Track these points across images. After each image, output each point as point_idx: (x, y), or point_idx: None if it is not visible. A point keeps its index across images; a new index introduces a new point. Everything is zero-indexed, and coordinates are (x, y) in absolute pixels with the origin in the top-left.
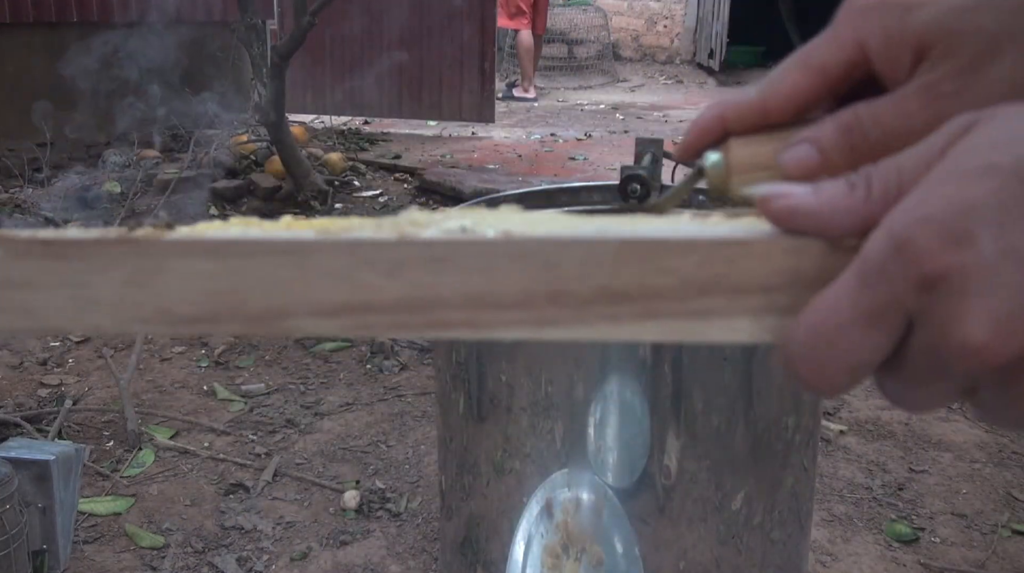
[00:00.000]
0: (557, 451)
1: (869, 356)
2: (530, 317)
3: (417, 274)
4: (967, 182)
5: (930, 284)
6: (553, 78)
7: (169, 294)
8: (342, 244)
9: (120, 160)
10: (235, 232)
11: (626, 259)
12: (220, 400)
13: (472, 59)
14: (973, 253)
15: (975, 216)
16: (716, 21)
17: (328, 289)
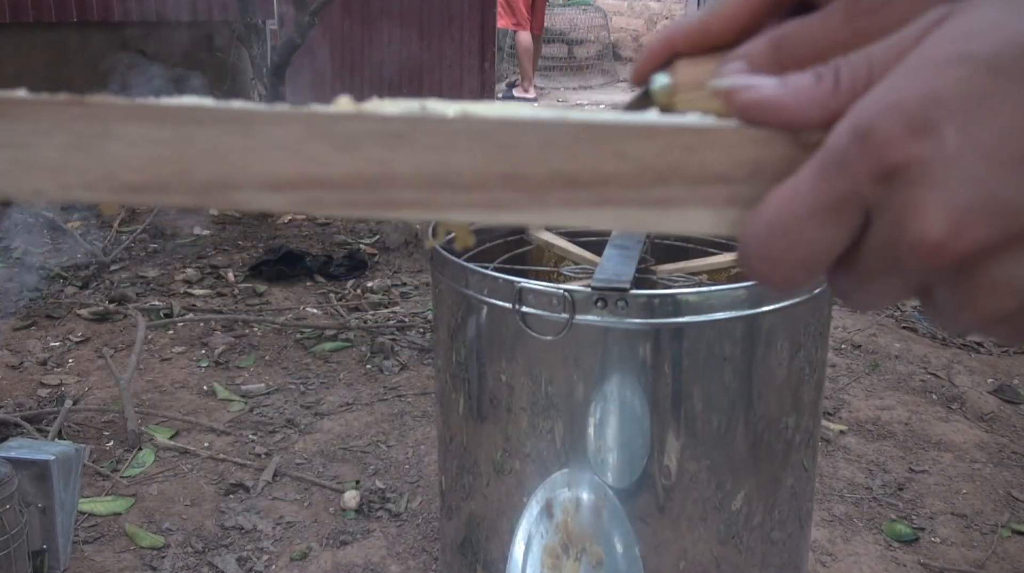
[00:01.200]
0: (557, 451)
1: (825, 250)
2: (484, 199)
3: (372, 150)
4: (936, 71)
5: (889, 174)
6: (553, 78)
7: (115, 160)
8: (295, 115)
9: None
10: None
11: (584, 143)
12: (220, 400)
13: (472, 59)
14: (935, 144)
15: (941, 106)
16: None
17: (278, 161)
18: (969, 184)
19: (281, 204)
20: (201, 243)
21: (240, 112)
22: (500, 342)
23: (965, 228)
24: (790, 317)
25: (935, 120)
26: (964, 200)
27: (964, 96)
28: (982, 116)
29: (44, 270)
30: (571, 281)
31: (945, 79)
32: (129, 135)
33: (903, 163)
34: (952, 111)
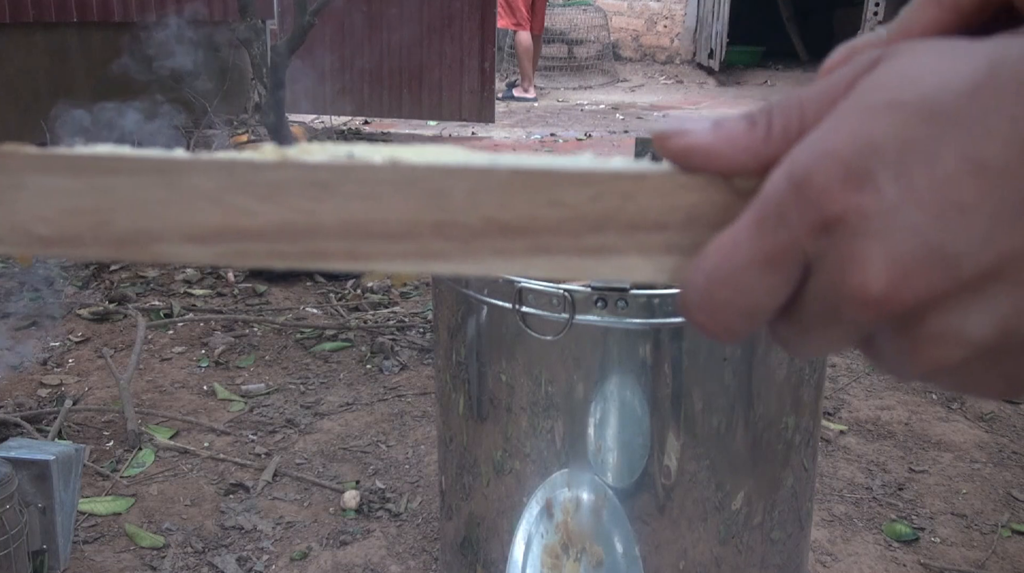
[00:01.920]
0: (557, 451)
1: (765, 301)
2: (415, 249)
3: (297, 199)
4: (869, 118)
5: (828, 225)
6: (553, 78)
7: (28, 212)
8: (217, 164)
9: None
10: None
11: (517, 189)
12: (220, 400)
13: (472, 59)
14: (872, 193)
15: (876, 154)
16: (716, 21)
17: (201, 212)
18: (909, 234)
19: (204, 256)
20: None
21: (160, 161)
22: (500, 342)
23: (907, 279)
24: None
25: (871, 169)
26: (904, 250)
27: (900, 143)
28: (919, 164)
29: (44, 270)
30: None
31: (880, 126)
32: (43, 186)
33: (841, 214)
34: (888, 159)
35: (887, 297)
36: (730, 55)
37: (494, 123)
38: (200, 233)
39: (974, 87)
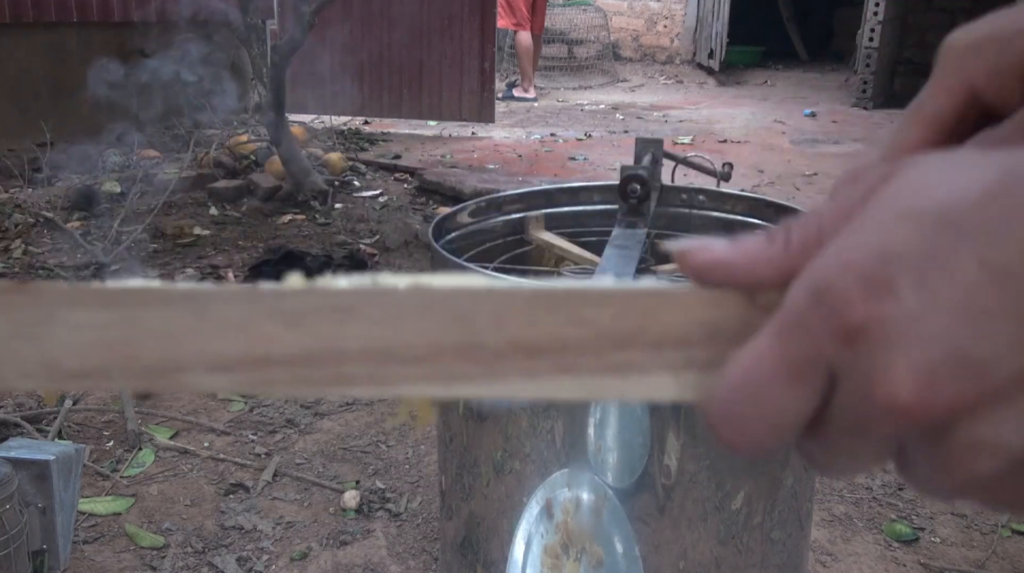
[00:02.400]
0: (557, 451)
1: (793, 414)
2: (439, 372)
3: (320, 325)
4: (887, 228)
5: (851, 336)
6: (553, 78)
7: (58, 347)
8: (244, 292)
9: (120, 160)
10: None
11: (540, 309)
12: (220, 400)
13: (472, 59)
14: (894, 302)
15: (894, 262)
16: (716, 21)
17: (227, 341)
18: (935, 341)
19: (230, 385)
20: (201, 243)
21: (188, 292)
22: None
23: (935, 387)
24: None
25: (891, 277)
26: (932, 358)
27: (918, 251)
28: (939, 271)
29: (44, 270)
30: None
31: (896, 235)
32: (74, 321)
33: (863, 323)
34: (907, 267)
35: (916, 406)
36: (730, 55)
37: (494, 123)
38: (225, 362)
39: (989, 193)
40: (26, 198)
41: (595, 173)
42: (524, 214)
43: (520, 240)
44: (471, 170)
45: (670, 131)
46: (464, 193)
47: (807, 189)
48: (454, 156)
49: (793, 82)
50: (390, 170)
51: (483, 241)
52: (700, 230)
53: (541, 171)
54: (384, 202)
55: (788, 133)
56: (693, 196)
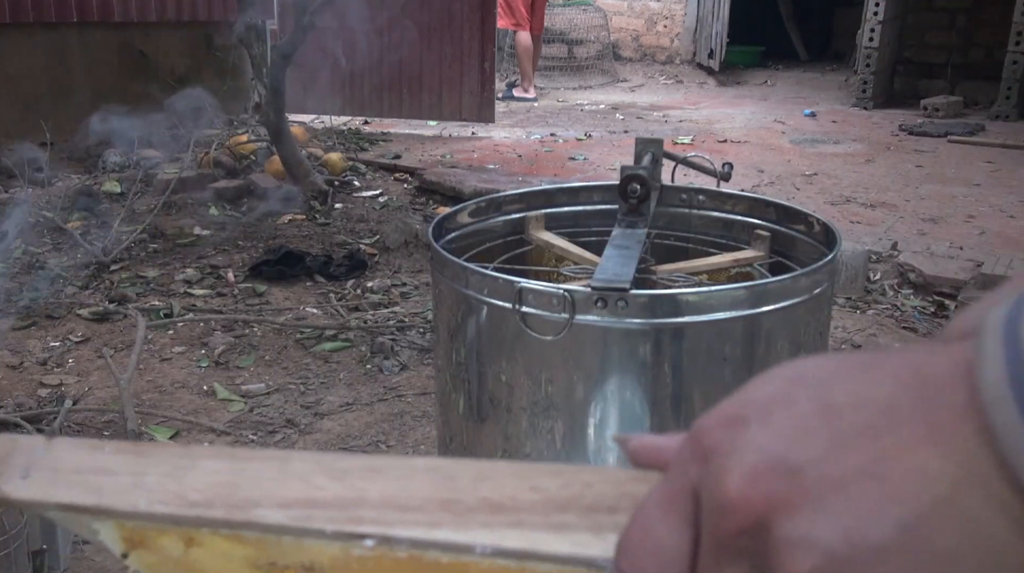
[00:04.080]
0: (557, 451)
1: (675, 549)
2: (424, 519)
3: (355, 479)
4: (754, 385)
5: (706, 455)
6: (553, 78)
7: (189, 484)
8: (312, 456)
9: (120, 160)
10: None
11: (508, 477)
12: (220, 400)
13: (472, 59)
14: (742, 428)
15: (750, 405)
16: (716, 21)
17: (291, 487)
18: (762, 450)
19: (283, 519)
20: (201, 243)
21: (275, 453)
22: (500, 342)
23: (757, 485)
24: (790, 317)
25: (745, 413)
26: (757, 462)
27: (770, 396)
28: (781, 407)
29: (44, 270)
30: (571, 281)
31: (759, 387)
32: (207, 467)
33: (716, 445)
34: (759, 405)
35: (741, 501)
36: (730, 55)
37: (494, 123)
38: (286, 501)
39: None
40: (26, 198)
41: (595, 173)
42: (524, 214)
43: (520, 240)
44: (471, 170)
45: (670, 131)
46: (464, 193)
47: (807, 189)
48: (454, 156)
49: (793, 82)
50: (390, 170)
51: (483, 241)
52: (700, 230)
53: (541, 171)
54: (384, 202)
55: (788, 133)
56: (693, 196)
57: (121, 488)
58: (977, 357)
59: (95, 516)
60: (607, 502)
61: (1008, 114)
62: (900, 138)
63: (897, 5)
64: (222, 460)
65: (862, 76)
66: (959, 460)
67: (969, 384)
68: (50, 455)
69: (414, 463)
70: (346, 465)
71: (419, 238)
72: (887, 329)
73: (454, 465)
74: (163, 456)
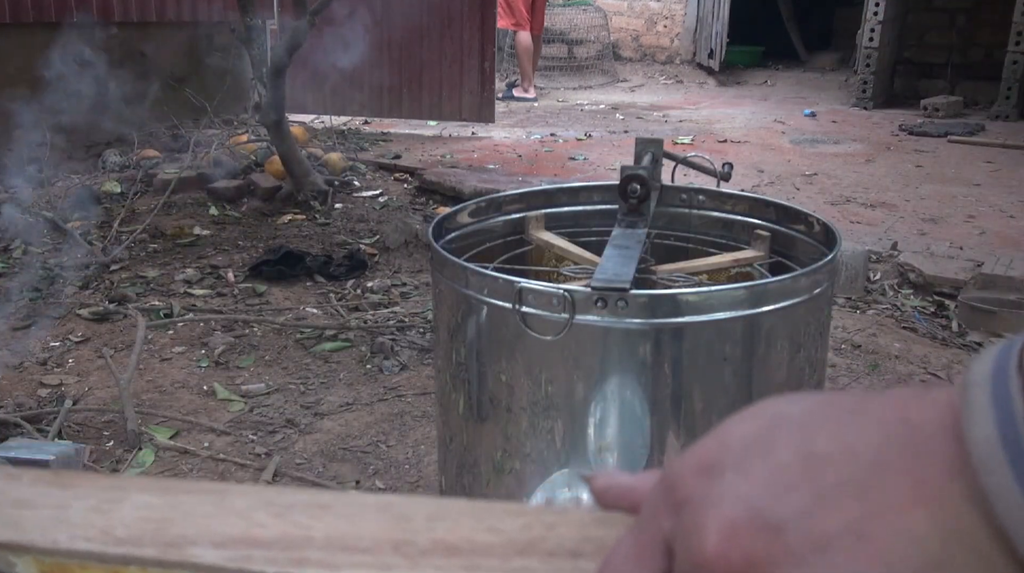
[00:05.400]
0: (557, 451)
1: None
2: (375, 562)
3: (299, 516)
4: (728, 427)
5: (679, 505)
6: (553, 78)
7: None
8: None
9: (120, 160)
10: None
11: (465, 517)
12: (220, 400)
13: (472, 59)
14: (717, 477)
15: (727, 448)
16: (716, 21)
17: (230, 524)
18: (739, 503)
19: (220, 559)
20: (201, 243)
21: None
22: (500, 342)
23: (736, 541)
24: (790, 317)
25: (719, 460)
26: (735, 516)
27: (747, 439)
28: (758, 454)
29: (44, 270)
30: (571, 281)
31: (734, 429)
32: (137, 501)
33: (688, 495)
34: (735, 450)
35: (719, 558)
36: (730, 55)
37: (494, 123)
38: (223, 540)
39: (815, 405)
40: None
41: (595, 173)
42: (524, 214)
43: (520, 240)
44: (471, 170)
45: (670, 131)
46: (464, 193)
47: (807, 189)
48: (454, 156)
49: (793, 82)
50: (390, 170)
51: (483, 241)
52: (700, 230)
53: (541, 171)
54: (384, 202)
55: (788, 133)
56: (693, 196)
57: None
58: (964, 410)
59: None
60: (569, 546)
61: (1008, 114)
62: (900, 138)
63: (897, 5)
64: (154, 493)
65: (862, 76)
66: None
67: (956, 436)
68: None
69: (364, 500)
70: (290, 500)
71: (419, 238)
72: (887, 329)
73: (407, 502)
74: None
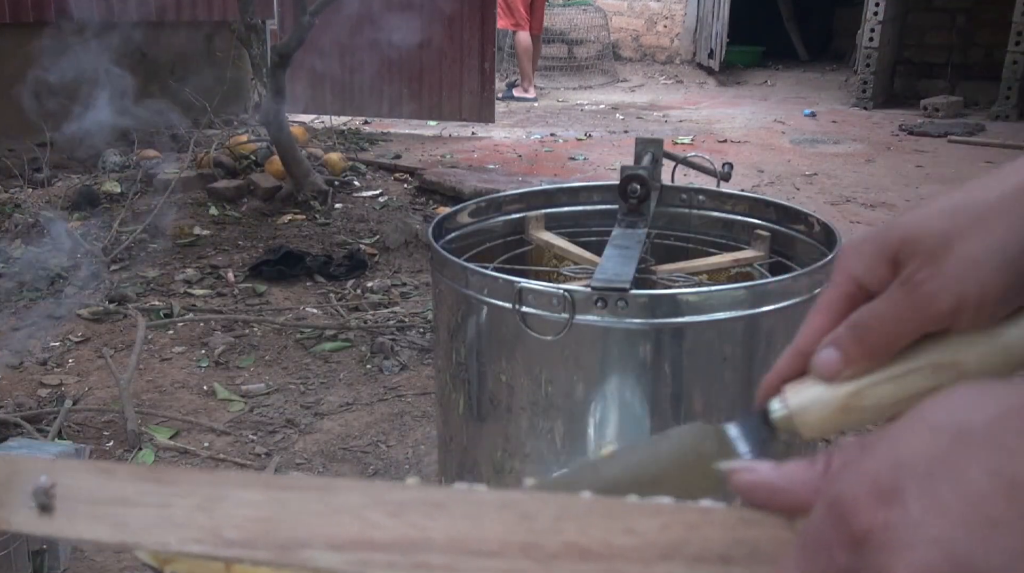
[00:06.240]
0: (557, 451)
1: None
2: (503, 567)
3: (415, 515)
4: (903, 440)
5: (859, 541)
6: (553, 78)
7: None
8: (362, 485)
9: (120, 160)
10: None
11: (596, 516)
12: (220, 400)
13: (472, 59)
14: (900, 508)
15: (906, 471)
16: (716, 21)
17: (342, 524)
18: (935, 545)
19: (338, 562)
20: (201, 243)
21: (319, 481)
22: (500, 342)
23: None
24: (790, 317)
25: (900, 484)
26: (931, 562)
27: (929, 460)
28: (947, 479)
29: (44, 270)
30: (571, 281)
31: (911, 446)
32: (239, 498)
33: (868, 528)
34: (916, 474)
35: None
36: (730, 55)
37: (494, 123)
38: (339, 542)
39: (1005, 411)
40: (26, 198)
41: (595, 173)
42: (524, 214)
43: (520, 240)
44: (471, 170)
45: (670, 131)
46: (464, 193)
47: (807, 189)
48: (454, 156)
49: (793, 82)
50: (390, 170)
51: (483, 241)
52: (700, 230)
53: (541, 171)
54: (384, 202)
55: (788, 133)
56: (693, 196)
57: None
58: None
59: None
60: (718, 549)
61: (1008, 114)
62: (900, 138)
63: (897, 5)
64: (256, 489)
65: (862, 76)
66: None
67: None
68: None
69: (481, 497)
70: (401, 498)
71: (419, 238)
72: None
73: (529, 500)
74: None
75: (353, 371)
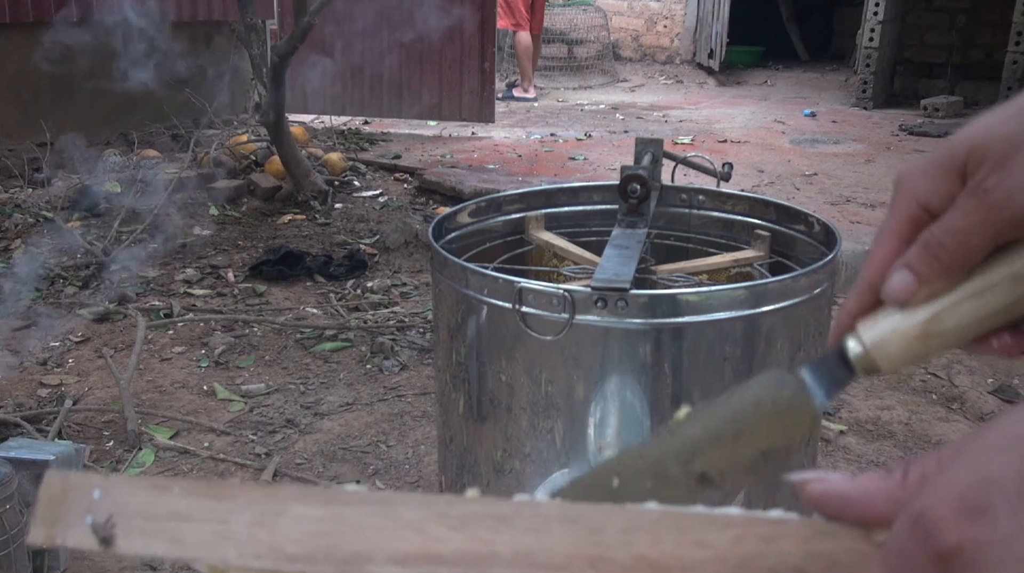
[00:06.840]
0: (557, 451)
1: None
2: None
3: (479, 529)
4: (990, 455)
5: (945, 558)
6: (553, 78)
7: (284, 534)
8: (422, 498)
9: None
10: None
11: (665, 529)
12: (220, 400)
13: (472, 59)
14: (987, 525)
15: (992, 487)
16: (716, 21)
17: (405, 538)
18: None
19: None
20: (201, 243)
21: (380, 495)
22: (500, 342)
23: None
24: (790, 317)
25: (988, 501)
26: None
27: (1017, 477)
28: None
29: (44, 270)
30: (571, 281)
31: (999, 461)
32: (299, 513)
33: (956, 545)
34: (1005, 492)
35: None
36: (730, 55)
37: (494, 123)
38: (402, 556)
39: None
40: (26, 198)
41: (595, 173)
42: (524, 214)
43: (520, 240)
44: (471, 170)
45: (670, 131)
46: (464, 193)
47: (807, 189)
48: (454, 156)
49: (793, 82)
50: (390, 170)
51: (483, 241)
52: (700, 230)
53: (541, 171)
54: (384, 202)
55: (788, 133)
56: (693, 196)
57: (205, 538)
58: None
59: None
60: (794, 562)
61: None
62: (900, 138)
63: (897, 5)
64: (313, 504)
65: (862, 76)
66: None
67: None
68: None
69: (545, 509)
70: (463, 511)
71: (419, 238)
72: None
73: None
74: (244, 499)
75: (353, 371)
